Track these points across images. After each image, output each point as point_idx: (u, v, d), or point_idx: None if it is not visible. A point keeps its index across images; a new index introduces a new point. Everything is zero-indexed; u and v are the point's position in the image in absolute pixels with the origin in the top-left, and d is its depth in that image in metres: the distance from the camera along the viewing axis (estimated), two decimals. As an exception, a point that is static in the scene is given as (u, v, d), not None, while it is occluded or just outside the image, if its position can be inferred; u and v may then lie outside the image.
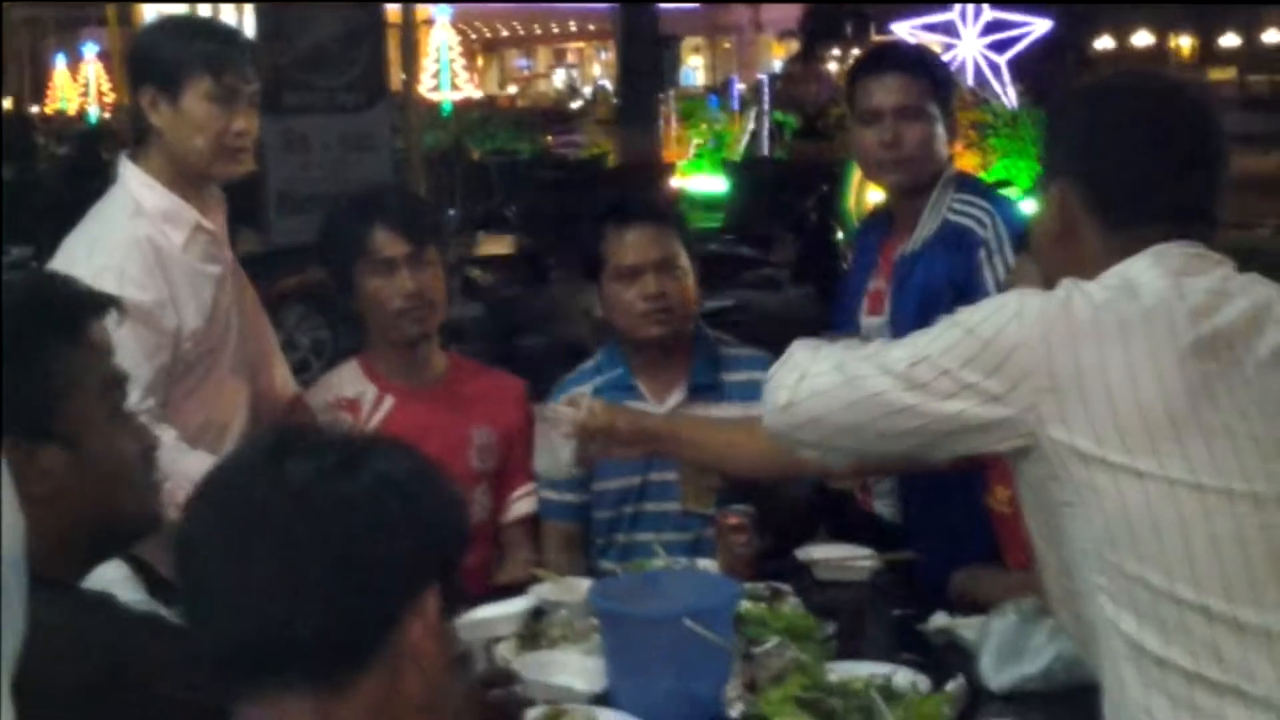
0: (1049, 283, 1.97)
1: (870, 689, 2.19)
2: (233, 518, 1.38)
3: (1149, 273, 1.88)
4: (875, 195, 7.47)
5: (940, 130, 3.29)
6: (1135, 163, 1.96)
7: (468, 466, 3.19)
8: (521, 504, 3.30)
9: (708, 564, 2.91)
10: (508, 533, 3.29)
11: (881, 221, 3.51)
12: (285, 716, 1.35)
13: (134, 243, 2.89)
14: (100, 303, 1.82)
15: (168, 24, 3.16)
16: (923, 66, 3.37)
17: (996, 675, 2.38)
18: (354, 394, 3.21)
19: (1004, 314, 1.86)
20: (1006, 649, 2.39)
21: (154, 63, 2.99)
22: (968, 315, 1.91)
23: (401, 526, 1.37)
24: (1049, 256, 2.06)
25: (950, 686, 2.28)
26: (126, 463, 1.80)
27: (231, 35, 3.12)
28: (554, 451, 2.72)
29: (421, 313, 3.15)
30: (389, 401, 3.19)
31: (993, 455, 1.92)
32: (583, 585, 2.71)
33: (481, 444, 3.23)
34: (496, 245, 10.91)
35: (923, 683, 2.32)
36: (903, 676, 2.33)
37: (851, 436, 2.00)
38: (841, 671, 2.35)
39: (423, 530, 1.39)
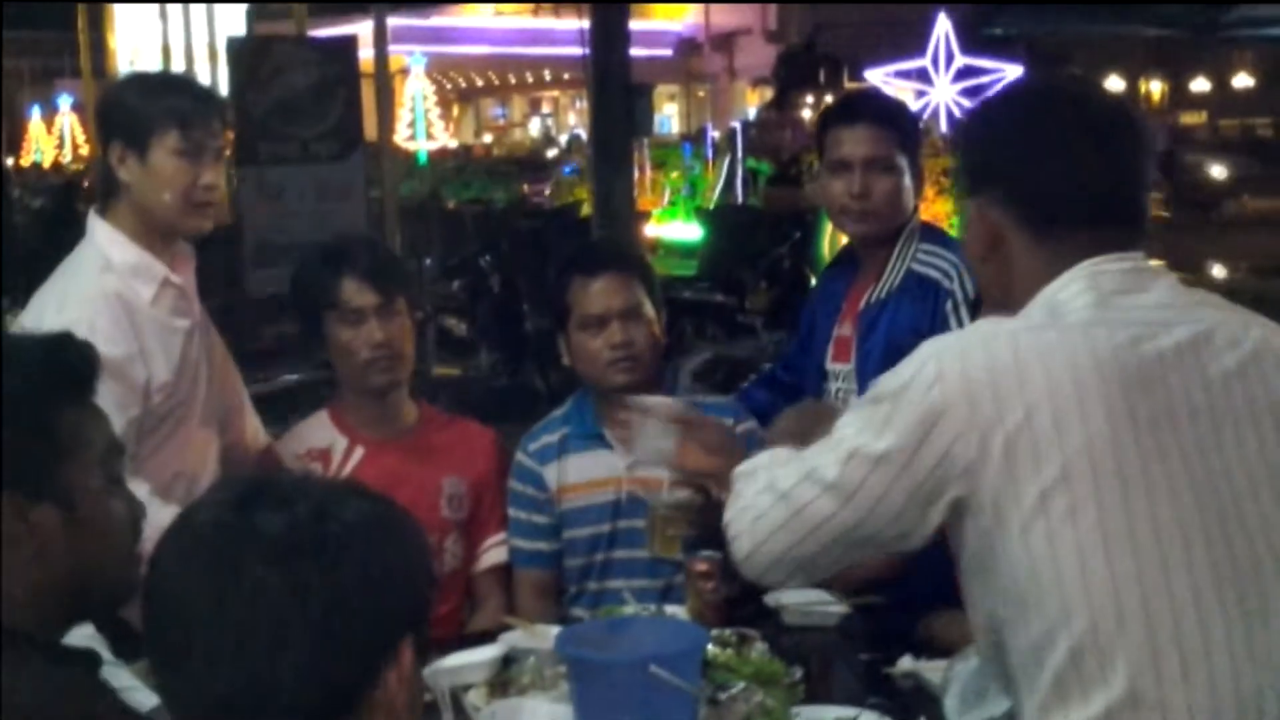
0: (990, 302, 1.98)
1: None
2: (204, 571, 1.37)
3: (1079, 299, 1.85)
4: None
5: (908, 182, 3.35)
6: (1053, 165, 1.91)
7: (439, 516, 3.22)
8: (493, 553, 3.32)
9: (678, 610, 2.93)
10: (480, 581, 3.31)
11: (847, 267, 3.56)
12: None
13: (103, 297, 2.91)
14: (99, 369, 1.82)
15: (136, 80, 3.20)
16: (892, 118, 3.43)
17: (961, 717, 2.40)
18: (324, 444, 3.23)
19: (924, 378, 1.83)
20: (970, 692, 2.40)
21: (122, 118, 3.02)
22: (887, 382, 1.88)
23: (378, 577, 1.37)
24: (983, 276, 2.03)
25: (915, 729, 2.31)
26: (116, 529, 1.80)
27: (199, 90, 3.15)
28: (655, 439, 2.72)
29: (390, 363, 3.17)
30: (359, 452, 3.22)
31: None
32: (553, 632, 2.72)
33: (452, 493, 3.26)
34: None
35: (888, 725, 2.35)
36: (868, 718, 2.35)
37: (820, 560, 1.99)
38: (808, 716, 2.38)
39: (398, 580, 1.39)
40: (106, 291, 2.93)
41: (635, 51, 9.72)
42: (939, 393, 1.80)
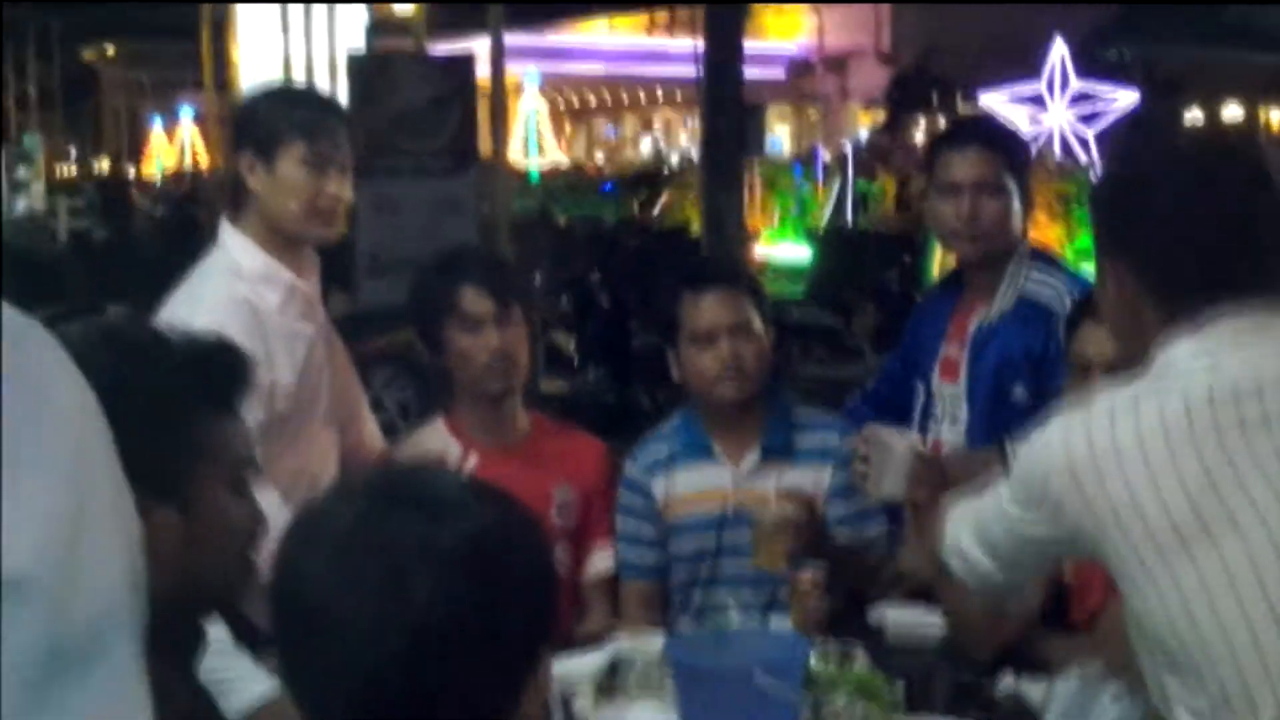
0: (1122, 354, 2.04)
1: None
2: (351, 576, 1.33)
3: (1187, 357, 1.93)
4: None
5: (1016, 205, 3.38)
6: (1179, 243, 1.98)
7: (549, 523, 3.28)
8: (600, 563, 3.37)
9: (782, 622, 2.97)
10: (587, 590, 3.37)
11: (952, 289, 3.59)
12: None
13: (233, 303, 3.01)
14: (251, 379, 1.81)
15: (268, 92, 3.31)
16: (1002, 142, 3.48)
17: (1061, 736, 2.42)
18: (440, 451, 3.30)
19: (1037, 448, 2.01)
20: (1071, 711, 2.43)
21: (252, 128, 3.13)
22: (1023, 459, 2.06)
23: (526, 585, 1.35)
24: (1116, 330, 2.12)
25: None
26: (233, 540, 1.77)
27: (327, 103, 3.26)
28: (891, 475, 2.81)
29: (506, 369, 3.25)
30: (473, 459, 3.28)
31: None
32: (658, 640, 2.78)
33: (562, 502, 3.32)
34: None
35: (988, 740, 2.38)
36: (966, 733, 2.38)
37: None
38: (911, 730, 2.40)
39: (540, 586, 1.38)
40: (236, 297, 3.03)
41: (748, 71, 9.78)
42: (1056, 481, 1.95)
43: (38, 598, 0.84)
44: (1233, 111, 30.84)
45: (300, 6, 19.98)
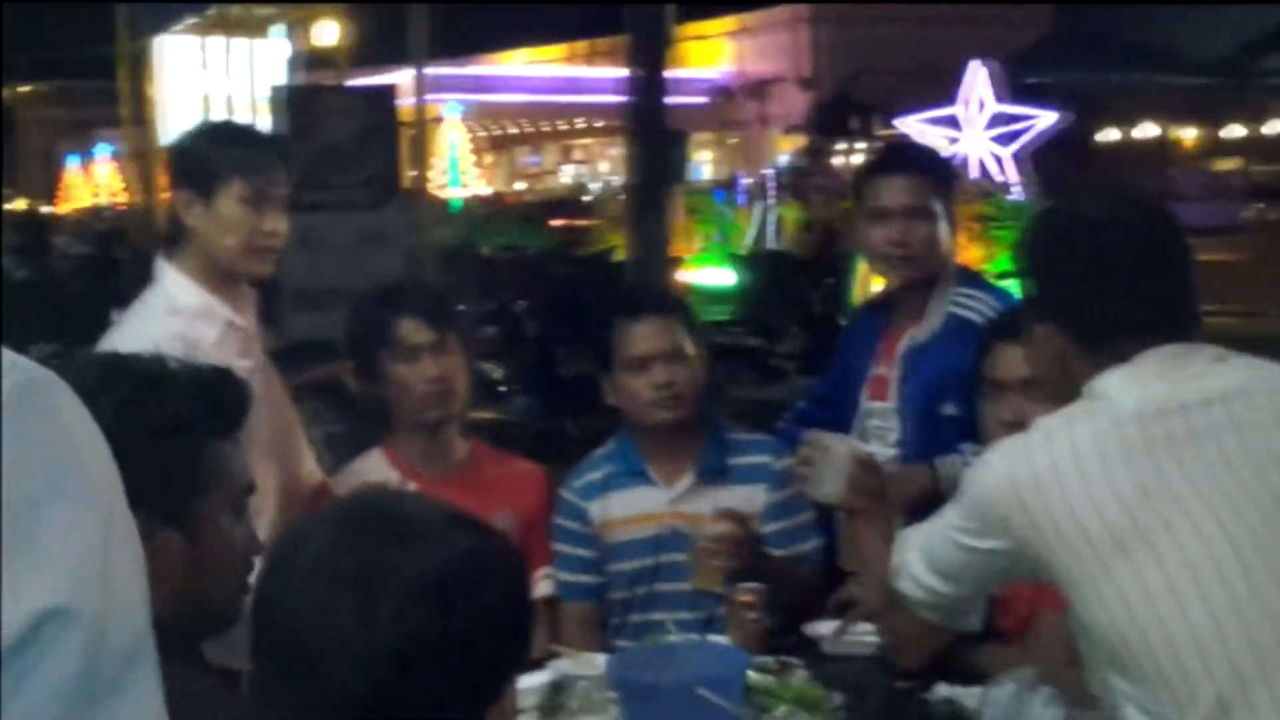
0: (1055, 401, 2.16)
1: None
2: (326, 603, 1.36)
3: (1116, 385, 2.06)
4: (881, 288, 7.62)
5: (944, 229, 3.48)
6: (1095, 294, 2.12)
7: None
8: (539, 586, 3.41)
9: (720, 640, 3.03)
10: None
11: (880, 310, 3.68)
12: None
13: (168, 339, 3.01)
14: (215, 423, 1.86)
15: (205, 129, 3.35)
16: (929, 167, 3.59)
17: (996, 741, 2.49)
18: (380, 481, 3.33)
19: (981, 474, 2.16)
20: (1006, 716, 2.50)
21: (190, 165, 3.17)
22: (970, 484, 2.20)
23: (502, 620, 1.39)
24: (1051, 389, 2.23)
25: (952, 749, 2.40)
26: (232, 564, 1.82)
27: (265, 140, 3.31)
28: (830, 476, 2.90)
29: (444, 397, 3.29)
30: (413, 488, 3.32)
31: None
32: (600, 660, 2.83)
33: (503, 528, 3.34)
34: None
35: (926, 747, 2.44)
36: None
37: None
38: (849, 738, 2.47)
39: (517, 621, 1.41)
40: (171, 333, 3.03)
41: (670, 99, 9.87)
42: (992, 483, 2.11)
43: (77, 627, 0.90)
44: (1148, 130, 31.33)
45: (220, 40, 19.94)
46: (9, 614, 0.88)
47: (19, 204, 38.84)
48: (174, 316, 3.10)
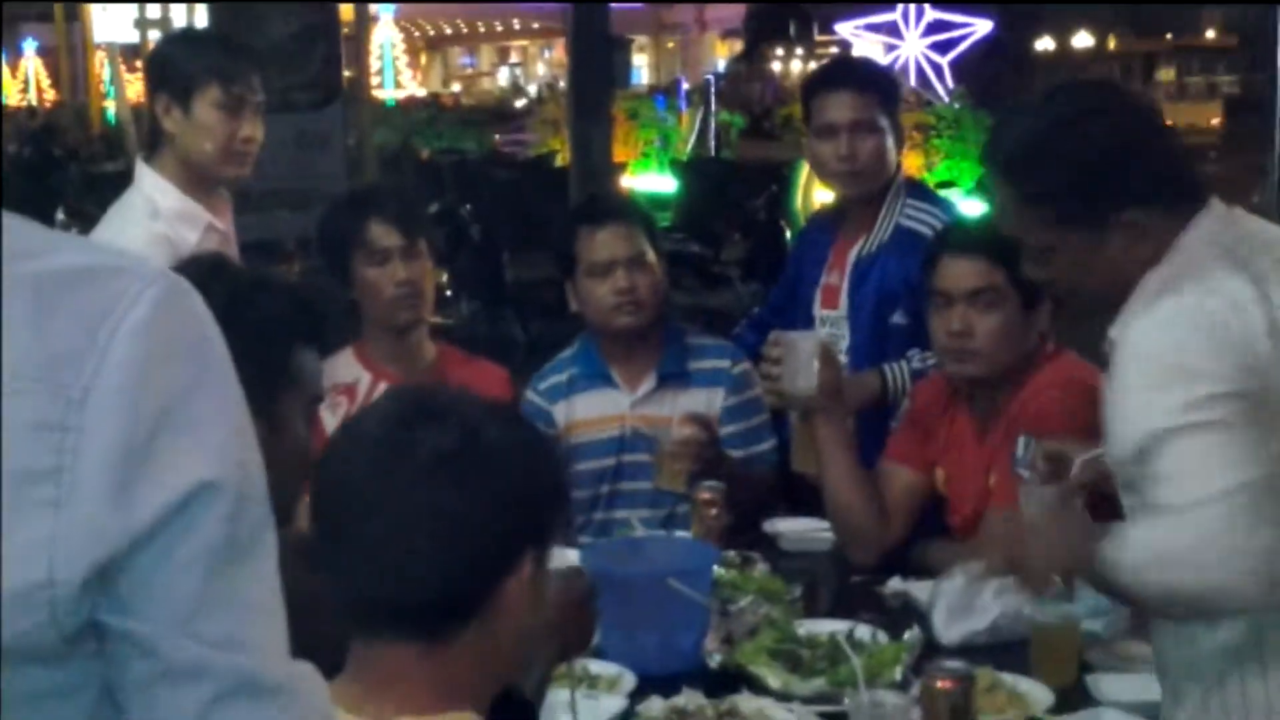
0: (1100, 298, 2.12)
1: (837, 639, 2.44)
2: (362, 478, 1.55)
3: (1200, 246, 2.03)
4: (823, 195, 7.71)
5: (890, 141, 3.58)
6: (1148, 160, 2.10)
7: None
8: (503, 485, 3.52)
9: (682, 535, 3.16)
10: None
11: (830, 220, 3.80)
12: (395, 662, 1.55)
13: (154, 241, 3.13)
14: (299, 334, 2.06)
15: (182, 36, 3.42)
16: (874, 81, 3.68)
17: (947, 630, 2.63)
18: (350, 380, 3.42)
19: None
20: (956, 607, 2.64)
21: (169, 72, 3.26)
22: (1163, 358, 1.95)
23: (508, 498, 1.54)
24: (1092, 283, 2.13)
25: (907, 636, 2.54)
26: (296, 466, 1.94)
27: (241, 48, 3.38)
28: (804, 370, 2.99)
29: (413, 300, 3.37)
30: (382, 387, 3.42)
31: None
32: (571, 554, 2.94)
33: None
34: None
35: (882, 636, 2.58)
36: (863, 630, 2.59)
37: None
38: (809, 628, 2.61)
39: (527, 500, 1.57)
40: (156, 236, 3.15)
41: (610, 2, 9.87)
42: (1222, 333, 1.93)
43: (222, 499, 1.02)
44: (1083, 40, 31.48)
45: (157, -62, 19.62)
46: (170, 485, 0.99)
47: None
48: (155, 220, 3.19)
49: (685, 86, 21.09)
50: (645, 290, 3.40)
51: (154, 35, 19.18)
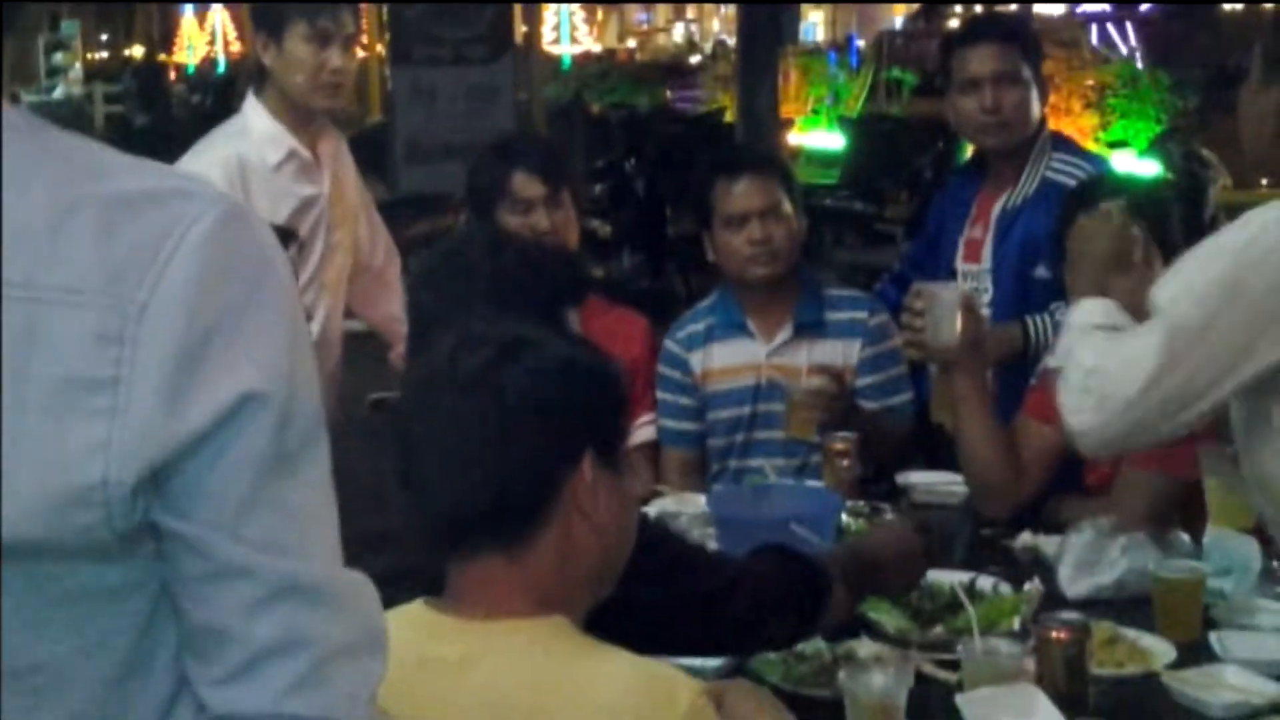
0: (1256, 169, 2.20)
1: (956, 589, 2.44)
2: (419, 407, 1.70)
3: None
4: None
5: (1034, 93, 3.55)
6: None
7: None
8: (643, 431, 3.57)
9: (815, 485, 3.18)
10: (630, 456, 3.56)
11: (974, 174, 3.77)
12: (484, 571, 1.65)
13: (221, 159, 3.39)
14: (573, 295, 2.22)
15: None
16: (1013, 33, 3.67)
17: (1073, 585, 2.62)
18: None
19: (1265, 241, 2.06)
20: (1083, 561, 2.63)
21: (264, 10, 3.55)
22: (1228, 239, 2.10)
23: (546, 407, 1.64)
24: (1257, 149, 2.24)
25: (1027, 588, 2.53)
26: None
27: None
28: (946, 321, 3.00)
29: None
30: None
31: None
32: (699, 499, 2.99)
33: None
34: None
35: (1004, 587, 2.58)
36: (985, 581, 2.59)
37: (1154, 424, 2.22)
38: (932, 578, 2.60)
39: (566, 409, 1.66)
40: (228, 153, 3.41)
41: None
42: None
43: (269, 409, 1.07)
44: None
45: (336, -107, 19.90)
46: (219, 394, 1.05)
47: (134, 51, 39.24)
48: (240, 139, 3.46)
49: (859, 43, 20.87)
50: (780, 241, 3.41)
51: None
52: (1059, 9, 19.69)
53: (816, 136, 17.33)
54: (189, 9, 40.87)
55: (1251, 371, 2.10)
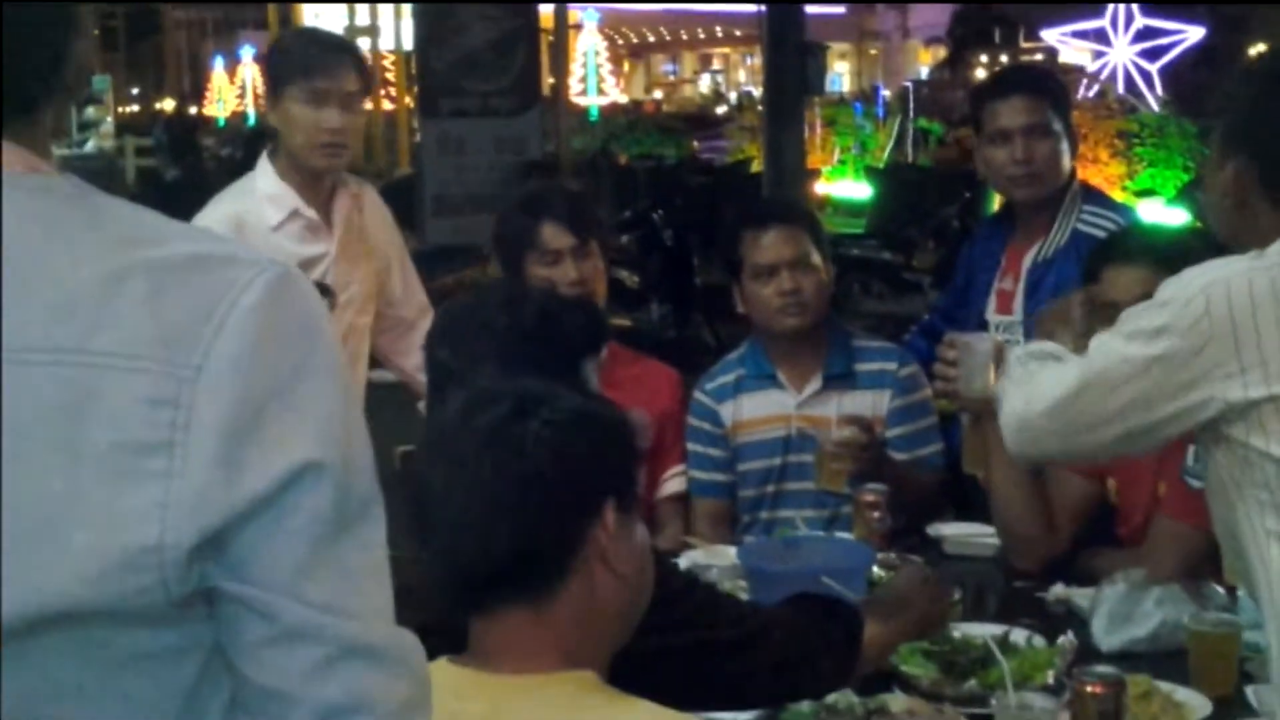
0: (1228, 244, 2.15)
1: (989, 642, 2.43)
2: (437, 463, 1.68)
3: None
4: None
5: (1064, 145, 3.55)
6: None
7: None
8: (673, 483, 3.56)
9: (845, 537, 3.16)
10: (660, 508, 3.55)
11: (1004, 225, 3.77)
12: (508, 627, 1.64)
13: (220, 217, 3.39)
14: (592, 345, 2.22)
15: (281, 37, 3.63)
16: (1044, 85, 3.67)
17: (1107, 637, 2.60)
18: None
19: (1194, 309, 2.02)
20: (1117, 614, 2.61)
21: (268, 71, 3.53)
22: (1163, 295, 2.07)
23: (566, 459, 1.64)
24: (1223, 225, 2.20)
25: (1060, 641, 2.52)
26: None
27: (328, 41, 3.62)
28: (980, 372, 2.97)
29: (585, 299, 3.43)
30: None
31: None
32: (730, 551, 2.98)
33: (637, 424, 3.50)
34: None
35: (1038, 640, 2.56)
36: (1018, 634, 2.57)
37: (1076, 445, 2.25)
38: (965, 631, 2.59)
39: (586, 460, 1.66)
40: (229, 211, 3.41)
41: (809, 9, 9.88)
42: (1206, 324, 2.00)
43: (328, 477, 1.08)
44: (1299, 47, 30.48)
45: (365, -53, 20.09)
46: (277, 461, 1.06)
47: (165, 104, 39.59)
48: (244, 198, 3.46)
49: (885, 93, 20.96)
50: (810, 292, 3.41)
51: (364, 42, 19.71)
52: (1084, 58, 19.74)
53: (843, 186, 17.40)
54: (219, 61, 41.27)
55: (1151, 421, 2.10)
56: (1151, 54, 19.30)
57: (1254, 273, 2.02)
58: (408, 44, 14.77)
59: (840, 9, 34.10)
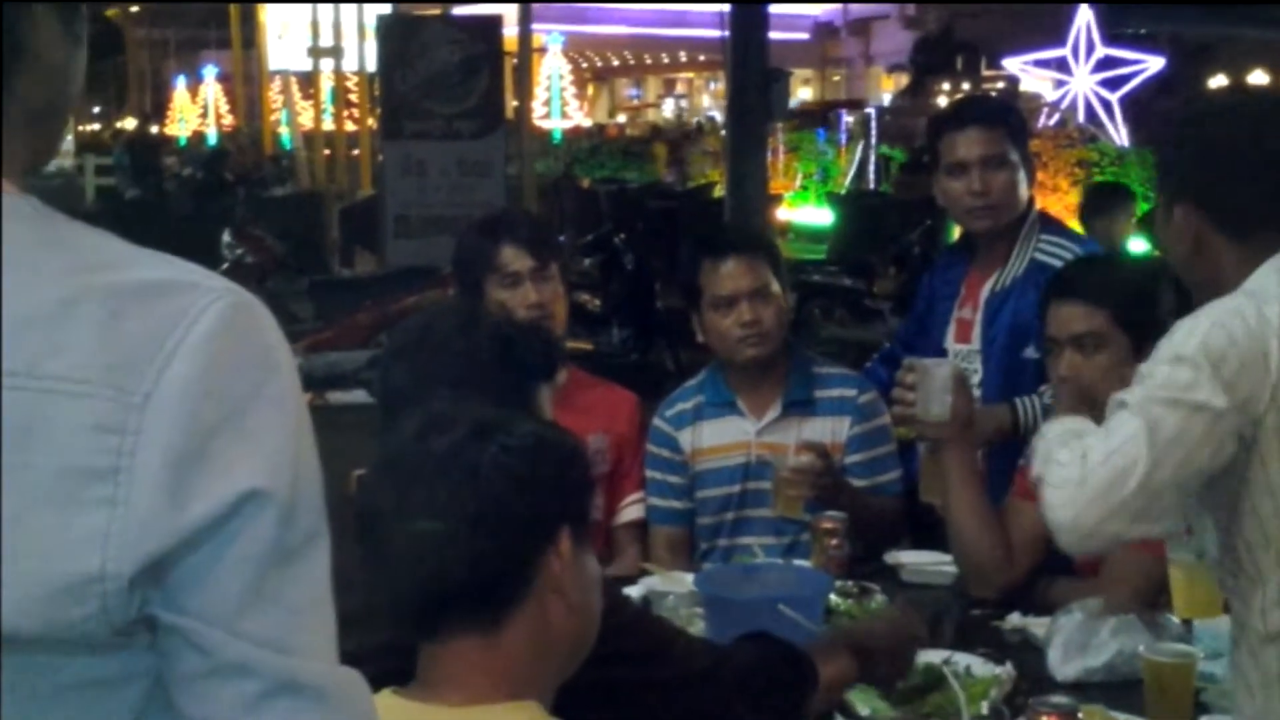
0: (1196, 289, 2.17)
1: (933, 667, 2.43)
2: (392, 484, 1.66)
3: (1270, 281, 2.05)
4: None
5: (1021, 175, 3.56)
6: (1242, 181, 2.12)
7: (583, 470, 3.46)
8: (631, 509, 3.55)
9: (803, 565, 3.16)
10: (618, 534, 3.55)
11: (962, 254, 3.78)
12: (457, 655, 1.63)
13: None
14: (546, 372, 2.24)
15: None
16: (1000, 116, 3.68)
17: (1063, 666, 2.60)
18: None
19: (1218, 340, 2.00)
20: (1072, 643, 2.61)
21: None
22: (1182, 345, 2.03)
23: (523, 485, 1.63)
24: (1186, 272, 2.22)
25: (998, 671, 2.52)
26: None
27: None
28: (938, 396, 3.01)
29: (544, 322, 3.42)
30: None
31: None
32: (687, 578, 2.97)
33: (596, 449, 3.49)
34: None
35: (980, 668, 2.56)
36: (960, 661, 2.57)
37: (1142, 516, 2.07)
38: (921, 658, 2.59)
39: (543, 486, 1.65)
40: None
41: (772, 35, 9.89)
42: (1235, 353, 2.00)
43: (272, 506, 1.06)
44: (1258, 77, 30.74)
45: (328, -33, 20.05)
46: (222, 490, 1.05)
47: (126, 123, 39.39)
48: None
49: (847, 120, 21.02)
50: (770, 322, 3.41)
51: (327, 63, 19.67)
52: (1045, 87, 19.86)
53: (805, 212, 17.45)
54: (181, 81, 41.08)
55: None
56: (1112, 83, 19.40)
57: (1244, 306, 2.03)
58: (371, 66, 14.73)
59: (804, 35, 34.22)
